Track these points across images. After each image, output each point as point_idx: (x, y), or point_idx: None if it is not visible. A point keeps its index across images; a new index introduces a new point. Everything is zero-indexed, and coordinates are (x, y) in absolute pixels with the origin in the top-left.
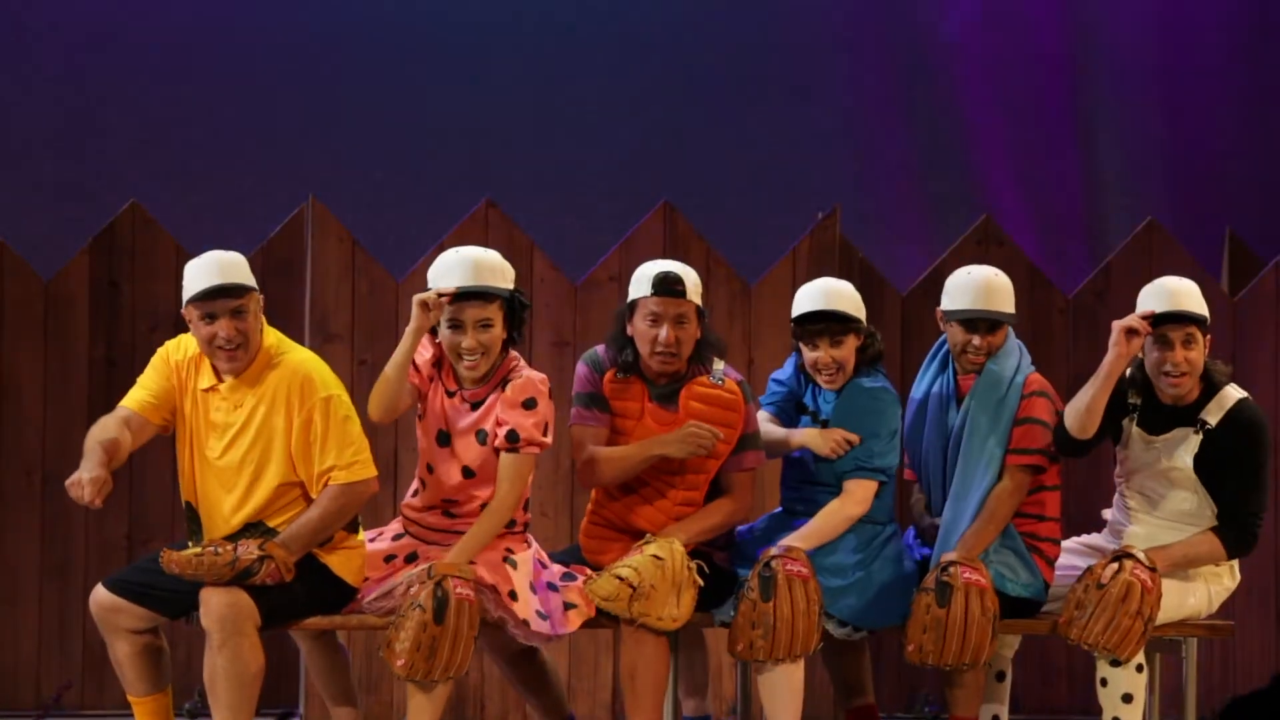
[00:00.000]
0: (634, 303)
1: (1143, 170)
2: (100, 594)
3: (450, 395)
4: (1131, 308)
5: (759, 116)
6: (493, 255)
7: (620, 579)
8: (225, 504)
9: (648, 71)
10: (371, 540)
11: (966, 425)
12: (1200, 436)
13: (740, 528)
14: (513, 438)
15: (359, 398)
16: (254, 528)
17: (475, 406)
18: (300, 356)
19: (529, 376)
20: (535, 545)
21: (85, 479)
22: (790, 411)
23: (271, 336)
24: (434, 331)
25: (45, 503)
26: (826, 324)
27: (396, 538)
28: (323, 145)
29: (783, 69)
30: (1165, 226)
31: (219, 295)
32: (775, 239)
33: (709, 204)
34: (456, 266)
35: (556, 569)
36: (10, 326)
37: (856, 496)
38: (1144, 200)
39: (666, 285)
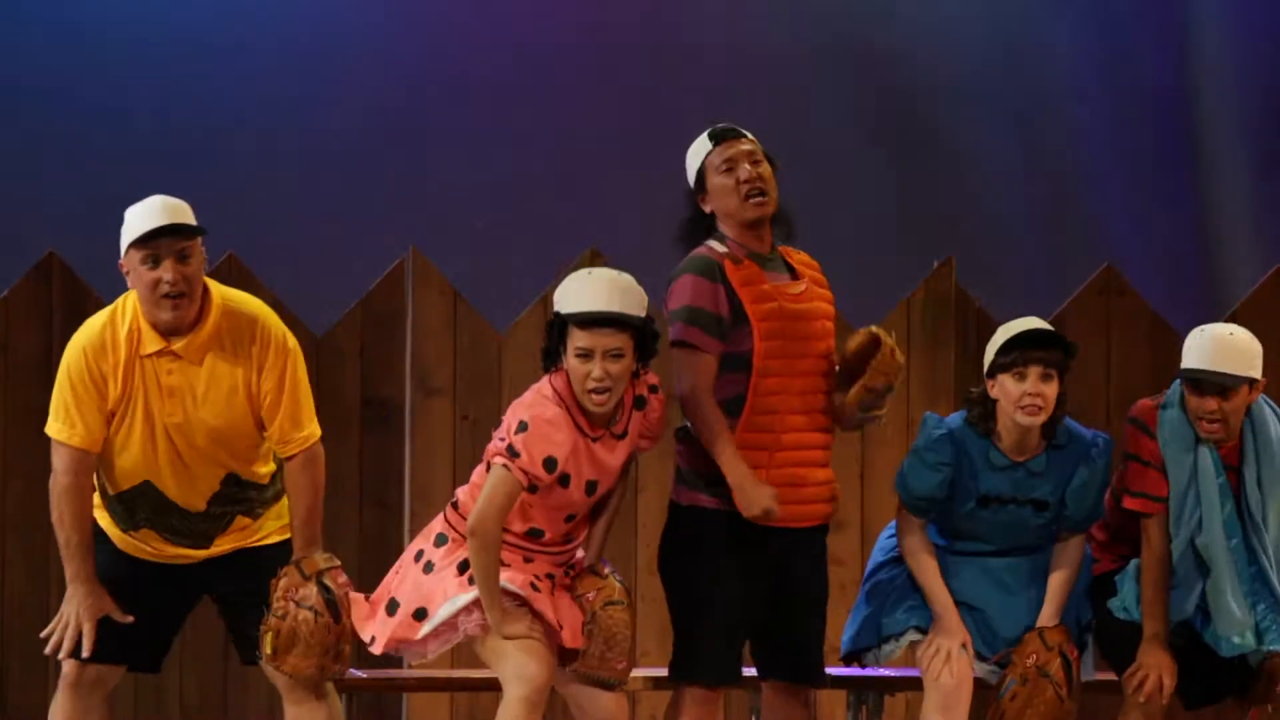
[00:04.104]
0: (700, 176)
1: (1267, 215)
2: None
3: (596, 440)
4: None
5: (874, 163)
6: (628, 278)
7: None
8: (200, 467)
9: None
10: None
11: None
12: None
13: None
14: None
15: (462, 455)
16: (232, 482)
17: (621, 437)
18: (253, 304)
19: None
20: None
21: (85, 627)
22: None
23: (213, 285)
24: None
25: None
26: (1045, 352)
27: (527, 559)
28: (422, 195)
29: (897, 117)
30: None
31: (164, 235)
32: (890, 287)
33: (822, 252)
34: (589, 288)
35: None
36: None
37: (1080, 557)
38: (1269, 246)
39: (721, 130)
